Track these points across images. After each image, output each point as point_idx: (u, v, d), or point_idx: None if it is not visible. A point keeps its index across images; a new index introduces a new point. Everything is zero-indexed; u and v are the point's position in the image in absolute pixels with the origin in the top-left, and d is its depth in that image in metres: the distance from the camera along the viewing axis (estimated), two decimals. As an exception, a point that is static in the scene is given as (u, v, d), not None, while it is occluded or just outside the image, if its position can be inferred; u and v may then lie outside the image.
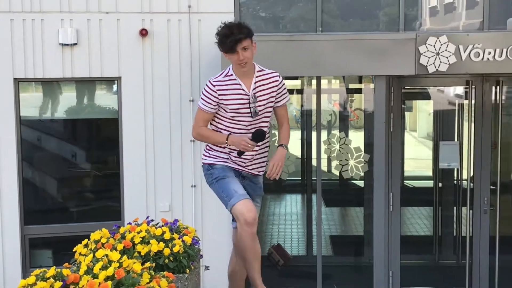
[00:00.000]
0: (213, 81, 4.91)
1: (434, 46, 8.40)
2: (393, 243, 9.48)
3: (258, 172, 5.18)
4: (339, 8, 9.45)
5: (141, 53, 9.08)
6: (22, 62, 8.91)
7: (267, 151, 5.20)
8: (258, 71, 4.97)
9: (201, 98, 4.96)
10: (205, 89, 4.93)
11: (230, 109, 4.93)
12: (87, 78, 9.17)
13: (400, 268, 9.54)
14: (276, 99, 5.05)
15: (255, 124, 4.96)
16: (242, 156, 4.97)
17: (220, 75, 5.02)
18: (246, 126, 4.96)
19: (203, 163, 5.21)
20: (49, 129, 9.62)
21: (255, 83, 4.92)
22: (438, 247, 10.47)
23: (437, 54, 8.42)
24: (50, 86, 9.41)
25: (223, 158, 5.03)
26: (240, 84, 4.92)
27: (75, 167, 9.75)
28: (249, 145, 4.77)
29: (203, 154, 5.21)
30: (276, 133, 5.81)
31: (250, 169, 5.11)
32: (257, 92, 4.92)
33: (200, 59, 9.17)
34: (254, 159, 5.08)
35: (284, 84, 5.07)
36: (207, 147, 5.15)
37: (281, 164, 4.96)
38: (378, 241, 8.90)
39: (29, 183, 9.27)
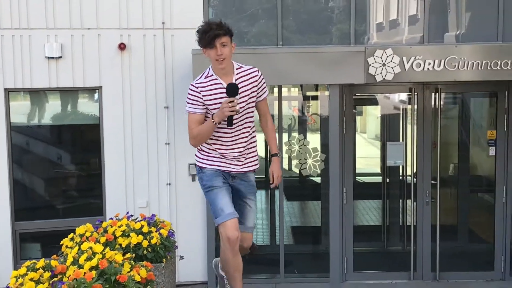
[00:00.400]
0: (195, 83, 4.50)
1: (381, 57, 8.49)
2: (347, 232, 9.53)
3: (248, 169, 4.70)
4: (297, 24, 9.43)
5: (120, 65, 9.08)
6: (11, 74, 8.88)
7: (254, 147, 4.75)
8: (237, 69, 4.55)
9: (187, 102, 4.53)
10: (189, 93, 4.51)
11: (212, 109, 4.46)
12: (71, 87, 9.14)
13: (353, 255, 9.59)
14: (257, 93, 4.62)
15: (238, 122, 4.49)
16: (233, 150, 4.55)
17: (201, 77, 4.57)
18: (227, 135, 4.54)
19: (195, 164, 4.79)
20: (36, 134, 9.55)
21: (236, 80, 4.47)
22: (386, 235, 10.52)
23: (384, 65, 8.51)
24: (37, 95, 9.35)
25: (213, 159, 4.59)
26: (221, 83, 4.48)
27: (61, 168, 9.70)
28: (230, 104, 4.26)
29: (195, 155, 4.76)
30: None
31: (240, 168, 4.63)
32: (239, 88, 4.44)
33: (173, 70, 9.16)
34: (244, 154, 4.62)
35: (263, 78, 4.65)
36: (198, 148, 4.69)
37: (281, 172, 4.79)
38: (334, 231, 8.96)
39: (19, 183, 9.23)
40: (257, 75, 4.60)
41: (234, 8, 9.51)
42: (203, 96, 4.44)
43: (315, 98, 10.56)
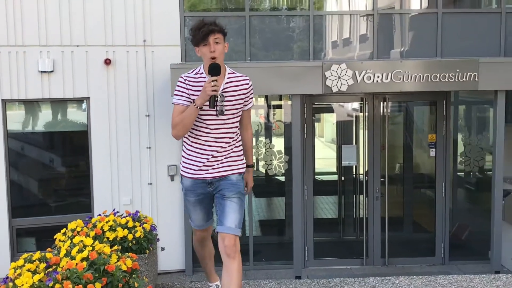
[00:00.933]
0: (184, 76, 4.04)
1: (336, 71, 8.52)
2: (308, 224, 9.64)
3: (226, 173, 4.12)
4: (263, 42, 9.45)
5: (105, 78, 9.05)
6: (8, 86, 8.82)
7: (237, 156, 4.17)
8: (229, 73, 4.07)
9: (174, 94, 4.05)
10: (177, 85, 4.05)
11: None
12: (61, 98, 9.09)
13: (313, 244, 9.71)
14: (244, 101, 4.11)
15: (220, 124, 4.00)
16: (210, 150, 4.03)
17: (191, 72, 4.09)
18: (209, 125, 4.01)
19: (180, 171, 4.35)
20: (30, 140, 9.47)
21: (226, 83, 4.00)
22: (342, 227, 10.53)
23: (339, 77, 8.54)
24: (31, 105, 9.27)
25: (190, 165, 4.10)
26: None
27: (53, 170, 9.63)
28: (211, 83, 3.77)
29: (182, 160, 4.29)
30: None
31: (215, 173, 4.08)
32: (227, 92, 3.98)
33: (154, 82, 9.15)
34: (220, 159, 4.08)
35: (252, 89, 4.17)
36: (182, 153, 4.22)
37: (253, 183, 4.41)
38: (296, 223, 8.95)
39: (15, 184, 9.15)
40: (247, 84, 4.12)
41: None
42: (188, 90, 3.97)
43: (279, 107, 10.55)
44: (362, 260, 9.83)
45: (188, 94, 3.97)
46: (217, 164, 4.09)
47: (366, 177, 9.83)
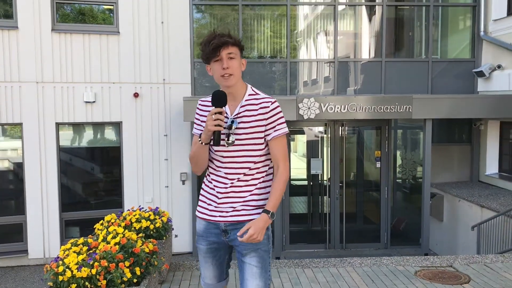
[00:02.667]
0: (201, 101, 2.57)
1: (307, 103, 8.54)
2: (285, 218, 9.59)
3: (243, 218, 2.45)
4: (252, 81, 9.06)
5: (134, 107, 9.07)
6: (60, 112, 8.83)
7: (260, 193, 2.48)
8: (250, 94, 2.46)
9: (194, 123, 2.60)
10: (196, 112, 2.59)
11: None
12: (100, 122, 9.10)
13: (289, 233, 9.68)
14: (265, 128, 2.42)
15: (232, 157, 2.43)
16: (220, 181, 2.47)
17: (207, 97, 2.56)
18: (222, 157, 2.45)
19: None
20: (77, 153, 9.43)
21: (242, 106, 2.43)
22: (311, 219, 10.40)
23: (309, 108, 8.56)
24: (78, 127, 9.27)
25: (203, 201, 2.57)
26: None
27: (93, 176, 9.59)
28: (213, 116, 2.29)
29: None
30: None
31: (228, 216, 2.46)
32: (241, 117, 2.42)
33: (171, 110, 9.16)
34: (236, 203, 2.46)
35: (278, 112, 2.44)
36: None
37: (261, 235, 2.33)
38: (277, 217, 8.77)
39: (64, 186, 9.08)
40: (267, 107, 2.43)
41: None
42: (201, 116, 2.53)
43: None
44: (326, 245, 9.81)
45: (201, 121, 2.53)
46: (231, 205, 2.47)
47: (329, 183, 9.83)
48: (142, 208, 5.20)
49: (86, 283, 3.32)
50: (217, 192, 2.51)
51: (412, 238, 9.85)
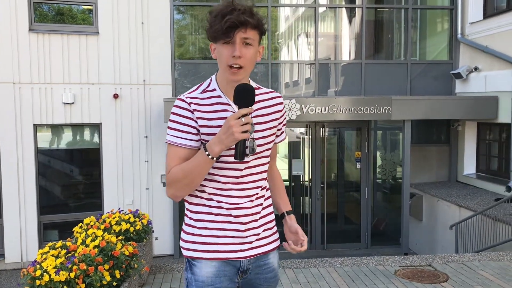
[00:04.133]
0: (186, 97, 1.77)
1: (288, 105, 8.54)
2: (266, 219, 9.66)
3: (270, 246, 1.95)
4: None
5: (114, 108, 8.97)
6: (39, 114, 8.68)
7: (270, 209, 1.97)
8: (256, 88, 1.87)
9: (169, 128, 1.78)
10: (173, 113, 1.77)
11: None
12: (80, 123, 8.97)
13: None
14: (277, 129, 1.95)
15: (250, 167, 1.83)
16: (244, 202, 1.82)
17: (196, 89, 1.82)
18: (236, 172, 1.80)
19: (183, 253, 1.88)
20: (55, 155, 9.28)
21: (256, 102, 1.80)
22: None
23: (290, 109, 8.57)
24: (56, 128, 9.13)
25: (207, 233, 1.81)
26: (229, 104, 1.78)
27: (72, 178, 9.45)
28: (240, 120, 1.61)
29: (181, 236, 1.89)
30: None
31: (255, 249, 1.87)
32: (257, 116, 1.84)
33: (151, 112, 9.08)
34: (257, 229, 1.87)
35: (285, 111, 2.02)
36: (185, 221, 1.87)
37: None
38: None
39: (43, 188, 8.94)
40: (281, 103, 1.96)
41: (194, 71, 9.57)
42: (197, 118, 1.75)
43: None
44: (307, 245, 9.83)
45: (196, 126, 1.75)
46: (254, 231, 1.86)
47: (310, 183, 9.87)
48: (122, 210, 5.18)
49: (65, 287, 3.28)
50: (235, 216, 1.80)
51: (392, 237, 9.94)
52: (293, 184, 10.56)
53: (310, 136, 9.81)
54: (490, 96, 8.84)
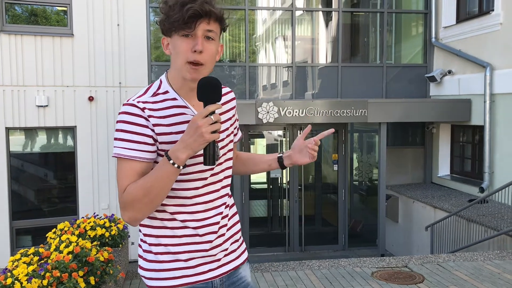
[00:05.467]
0: (138, 102, 1.50)
1: (266, 108, 8.55)
2: (245, 221, 9.59)
3: (240, 260, 1.75)
4: None
5: (89, 111, 8.83)
6: (11, 117, 8.49)
7: (237, 219, 1.81)
8: None
9: (118, 139, 1.52)
10: (123, 121, 1.50)
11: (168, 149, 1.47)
12: (54, 126, 8.81)
13: (249, 236, 9.62)
14: (234, 128, 1.79)
15: (215, 174, 1.64)
16: (212, 217, 1.62)
17: (143, 94, 1.55)
18: (200, 181, 1.59)
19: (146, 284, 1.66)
20: (29, 159, 9.09)
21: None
22: (270, 223, 10.45)
23: (268, 112, 8.57)
24: (30, 132, 8.94)
25: (183, 264, 1.59)
26: (186, 107, 1.55)
27: (46, 182, 9.26)
28: (208, 118, 1.38)
29: (140, 264, 1.68)
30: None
31: (227, 264, 1.68)
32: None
33: (127, 114, 9.02)
34: (220, 236, 1.65)
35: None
36: (143, 248, 1.68)
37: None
38: None
39: (15, 193, 8.74)
40: (234, 99, 1.78)
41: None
42: (153, 124, 1.50)
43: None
44: (285, 248, 9.87)
45: (153, 135, 1.52)
46: (222, 247, 1.68)
47: (288, 186, 9.90)
48: (97, 215, 5.09)
49: (37, 295, 3.19)
50: (202, 235, 1.59)
51: (369, 239, 10.02)
52: (271, 186, 10.57)
53: (287, 139, 9.84)
54: (464, 99, 9.01)
